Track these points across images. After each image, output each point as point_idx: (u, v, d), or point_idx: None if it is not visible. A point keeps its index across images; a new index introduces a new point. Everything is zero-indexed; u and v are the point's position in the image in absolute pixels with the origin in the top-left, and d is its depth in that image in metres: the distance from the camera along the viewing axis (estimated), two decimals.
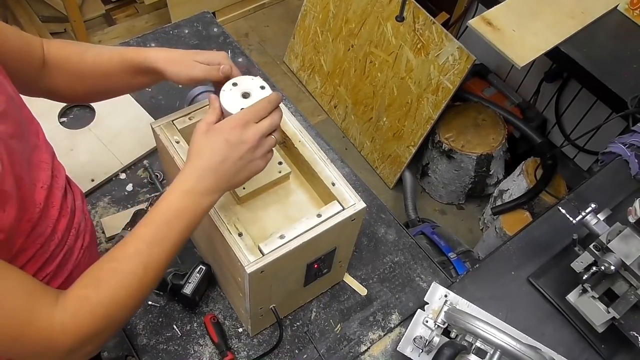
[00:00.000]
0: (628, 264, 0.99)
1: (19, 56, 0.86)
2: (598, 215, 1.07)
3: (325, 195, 0.97)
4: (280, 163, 1.01)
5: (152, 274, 0.77)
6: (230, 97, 0.87)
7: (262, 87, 0.89)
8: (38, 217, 0.79)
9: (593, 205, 1.07)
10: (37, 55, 0.91)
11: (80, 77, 0.95)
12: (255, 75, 0.92)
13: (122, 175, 1.32)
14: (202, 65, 0.92)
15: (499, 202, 2.37)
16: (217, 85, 0.93)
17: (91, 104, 1.40)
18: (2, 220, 0.69)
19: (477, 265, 1.25)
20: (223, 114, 0.87)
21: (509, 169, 2.48)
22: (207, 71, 0.92)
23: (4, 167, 0.70)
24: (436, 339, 1.05)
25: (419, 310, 1.12)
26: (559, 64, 2.03)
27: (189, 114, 1.00)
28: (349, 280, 1.22)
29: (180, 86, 1.33)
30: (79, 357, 0.74)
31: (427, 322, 1.10)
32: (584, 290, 1.08)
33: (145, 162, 1.33)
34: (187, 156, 0.83)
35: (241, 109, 0.85)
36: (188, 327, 1.13)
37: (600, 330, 1.08)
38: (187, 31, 1.64)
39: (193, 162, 0.81)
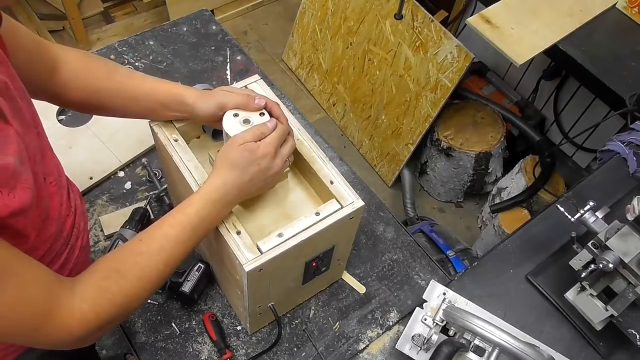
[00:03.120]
0: (626, 262, 1.00)
1: (29, 57, 0.86)
2: (596, 213, 1.07)
3: (324, 193, 0.97)
4: None
5: (169, 270, 0.83)
6: (234, 123, 0.91)
7: (262, 114, 0.93)
8: (46, 212, 0.80)
9: (591, 203, 1.07)
10: (50, 60, 0.91)
11: (100, 91, 0.95)
12: (254, 74, 0.92)
13: (121, 173, 1.32)
14: (225, 92, 0.93)
15: (497, 200, 2.37)
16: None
17: None
18: (21, 199, 0.67)
19: (475, 263, 1.26)
20: (226, 136, 0.92)
21: (507, 167, 2.48)
22: (229, 97, 0.92)
23: (22, 158, 0.70)
24: (434, 337, 1.05)
25: (417, 308, 1.12)
26: (557, 62, 2.03)
27: None
28: (348, 278, 1.22)
29: None
30: (88, 343, 0.77)
31: (425, 320, 1.10)
32: (582, 288, 1.08)
33: (143, 160, 1.33)
34: (218, 162, 0.87)
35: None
36: (187, 325, 1.13)
37: (598, 328, 1.08)
38: (185, 29, 1.64)
39: (224, 174, 0.86)
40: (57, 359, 0.98)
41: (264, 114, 0.93)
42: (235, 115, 0.91)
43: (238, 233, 0.88)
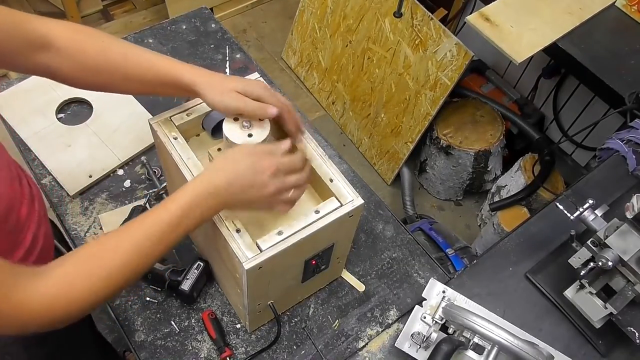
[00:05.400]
0: (625, 260, 1.00)
1: (4, 34, 0.84)
2: (596, 211, 1.07)
3: (323, 191, 0.97)
4: None
5: (149, 261, 0.79)
6: (234, 127, 0.91)
7: (261, 119, 0.93)
8: None
9: (591, 201, 1.07)
10: (32, 36, 0.88)
11: (96, 71, 0.92)
12: (253, 72, 0.92)
13: (120, 172, 1.32)
14: (240, 97, 0.90)
15: (496, 199, 2.37)
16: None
17: (89, 100, 1.40)
18: None
19: (474, 262, 1.26)
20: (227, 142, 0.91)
21: (506, 165, 2.48)
22: (245, 104, 0.90)
23: None
24: (434, 335, 1.05)
25: (416, 306, 1.12)
26: (556, 60, 2.03)
27: (186, 110, 1.00)
28: (347, 276, 1.22)
29: None
30: (60, 326, 0.76)
31: (424, 318, 1.10)
32: (582, 286, 1.08)
33: (143, 158, 1.33)
34: (217, 159, 0.85)
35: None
36: (186, 323, 1.13)
37: (597, 326, 1.08)
38: (184, 27, 1.64)
39: (215, 176, 0.83)
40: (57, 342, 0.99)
41: (262, 119, 0.93)
42: (236, 119, 0.92)
43: (238, 231, 0.88)
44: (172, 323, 1.12)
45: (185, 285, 1.09)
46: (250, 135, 0.91)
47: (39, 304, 0.71)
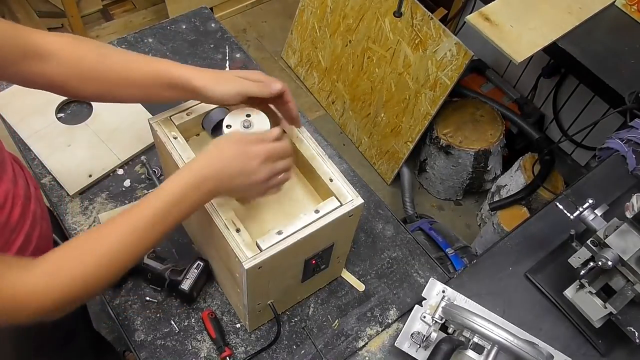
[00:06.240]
0: (625, 260, 1.00)
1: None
2: (595, 211, 1.07)
3: (323, 191, 0.97)
4: None
5: (139, 251, 0.80)
6: (235, 125, 0.91)
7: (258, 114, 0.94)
8: None
9: (590, 201, 1.07)
10: (26, 44, 0.87)
11: (95, 78, 0.92)
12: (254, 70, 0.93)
13: (120, 171, 1.32)
14: (240, 80, 0.90)
15: (496, 198, 2.38)
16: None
17: None
18: None
19: (474, 261, 1.26)
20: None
21: (506, 165, 2.48)
22: (244, 86, 0.90)
23: None
24: (434, 335, 1.05)
25: (416, 305, 1.12)
26: (556, 59, 2.03)
27: (186, 109, 1.00)
28: (347, 276, 1.22)
29: None
30: (55, 316, 0.76)
31: (424, 317, 1.10)
32: (581, 286, 1.08)
33: (142, 157, 1.33)
34: (209, 147, 0.85)
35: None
36: (186, 323, 1.13)
37: (597, 325, 1.08)
38: (184, 27, 1.64)
39: (205, 163, 0.83)
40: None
41: (259, 113, 0.93)
42: (235, 118, 0.92)
43: (237, 231, 0.88)
44: (172, 323, 1.12)
45: (185, 285, 1.09)
46: None
47: (26, 293, 0.71)
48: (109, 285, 0.81)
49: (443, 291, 1.15)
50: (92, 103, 1.40)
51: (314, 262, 1.01)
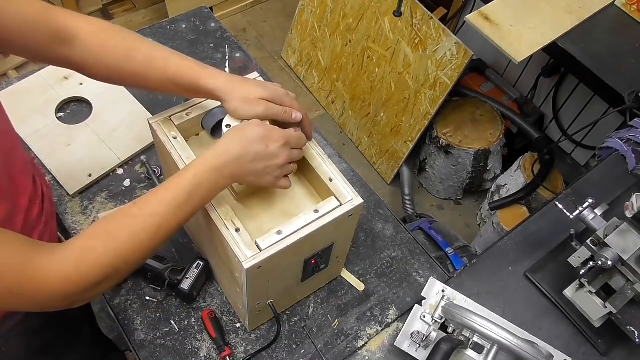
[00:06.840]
0: (625, 259, 1.00)
1: (25, 26, 0.85)
2: (595, 211, 1.07)
3: (323, 190, 0.97)
4: None
5: (162, 236, 0.80)
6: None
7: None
8: (13, 199, 0.81)
9: (590, 201, 1.07)
10: (55, 26, 0.87)
11: (120, 70, 0.92)
12: (253, 71, 0.92)
13: (120, 171, 1.32)
14: (266, 104, 0.92)
15: (496, 198, 2.38)
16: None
17: (89, 99, 1.40)
18: None
19: (474, 261, 1.26)
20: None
21: (506, 165, 2.48)
22: (269, 109, 0.91)
23: None
24: (433, 334, 1.05)
25: (416, 305, 1.12)
26: (556, 59, 2.03)
27: (186, 109, 1.00)
28: (347, 275, 1.22)
29: None
30: (78, 303, 0.76)
31: (424, 317, 1.10)
32: (581, 285, 1.08)
33: (142, 157, 1.33)
34: (229, 133, 0.87)
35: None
36: (186, 323, 1.13)
37: (597, 325, 1.08)
38: (184, 26, 1.64)
39: (230, 144, 0.85)
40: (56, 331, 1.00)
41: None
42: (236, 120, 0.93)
43: (237, 230, 0.88)
44: (172, 322, 1.12)
45: (185, 285, 1.09)
46: None
47: (56, 275, 0.71)
48: (133, 270, 0.81)
49: (443, 291, 1.15)
50: (92, 103, 1.40)
51: (313, 261, 1.01)
